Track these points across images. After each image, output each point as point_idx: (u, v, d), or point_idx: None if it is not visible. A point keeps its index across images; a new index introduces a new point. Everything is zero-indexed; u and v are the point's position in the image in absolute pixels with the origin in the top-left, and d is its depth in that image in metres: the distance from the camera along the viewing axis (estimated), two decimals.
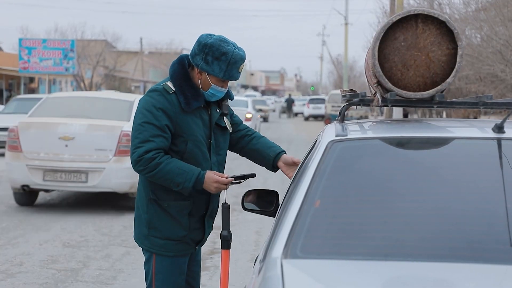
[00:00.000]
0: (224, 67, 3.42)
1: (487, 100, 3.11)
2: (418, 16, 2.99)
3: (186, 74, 3.50)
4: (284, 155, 3.70)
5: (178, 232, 3.49)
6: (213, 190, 3.44)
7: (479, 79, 15.74)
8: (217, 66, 3.42)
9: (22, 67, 34.17)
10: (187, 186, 3.37)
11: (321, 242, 2.40)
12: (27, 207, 9.68)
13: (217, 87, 3.50)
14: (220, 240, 3.54)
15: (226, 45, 3.43)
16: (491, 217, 2.46)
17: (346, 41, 45.37)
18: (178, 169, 3.36)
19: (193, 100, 3.45)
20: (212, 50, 3.41)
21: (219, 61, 3.41)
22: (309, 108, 44.91)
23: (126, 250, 7.28)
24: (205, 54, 3.42)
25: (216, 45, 3.41)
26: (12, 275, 6.25)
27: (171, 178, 3.36)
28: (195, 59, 3.47)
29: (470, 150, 2.80)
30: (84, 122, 9.34)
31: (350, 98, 3.29)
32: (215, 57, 3.41)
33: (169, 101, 3.43)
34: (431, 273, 2.21)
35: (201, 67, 3.45)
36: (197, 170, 3.40)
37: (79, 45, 43.36)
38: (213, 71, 3.44)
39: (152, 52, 66.14)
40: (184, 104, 3.43)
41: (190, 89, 3.47)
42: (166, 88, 3.46)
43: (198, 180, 3.38)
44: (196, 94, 3.47)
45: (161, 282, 3.51)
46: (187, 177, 3.37)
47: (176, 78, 3.48)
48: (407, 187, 2.63)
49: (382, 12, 22.09)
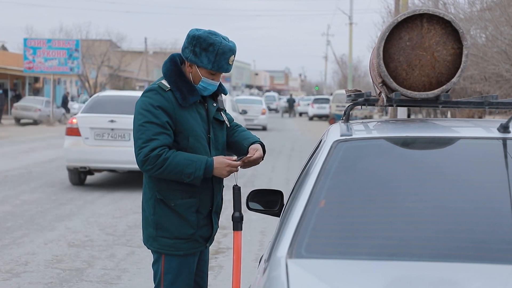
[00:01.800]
0: (212, 58, 3.44)
1: (492, 100, 3.11)
2: (423, 15, 2.99)
3: (179, 70, 3.52)
4: (254, 145, 3.65)
5: (187, 230, 3.50)
6: (225, 174, 3.46)
7: (484, 79, 15.71)
8: (205, 57, 3.44)
9: (27, 67, 34.24)
10: (198, 175, 3.38)
11: (326, 242, 2.40)
12: (31, 207, 9.70)
13: (207, 80, 3.51)
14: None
15: (214, 36, 3.46)
16: (496, 216, 2.46)
17: (351, 41, 45.36)
18: (186, 160, 3.38)
19: (189, 95, 3.48)
20: (199, 41, 3.43)
21: (207, 52, 3.43)
22: (313, 108, 44.87)
23: (131, 249, 7.29)
24: (193, 46, 3.45)
25: (203, 36, 3.44)
26: (17, 274, 6.26)
27: (180, 170, 3.37)
28: (184, 52, 3.51)
29: (475, 150, 2.79)
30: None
31: (355, 98, 3.29)
32: (203, 48, 3.43)
33: (166, 98, 3.44)
34: (436, 273, 2.20)
35: (190, 59, 3.48)
36: (204, 157, 3.43)
37: (84, 45, 43.46)
38: (202, 63, 3.46)
39: (157, 52, 66.17)
40: (181, 99, 3.45)
41: (185, 85, 3.49)
42: (162, 86, 3.48)
43: (208, 167, 3.40)
44: (191, 89, 3.50)
45: (169, 282, 3.51)
46: (196, 166, 3.38)
47: (170, 75, 3.50)
48: (412, 187, 2.62)
49: (387, 12, 22.07)
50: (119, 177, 13.07)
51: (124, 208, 9.75)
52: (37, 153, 17.93)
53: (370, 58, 3.44)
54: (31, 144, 20.95)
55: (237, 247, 3.53)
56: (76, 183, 11.77)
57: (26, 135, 25.47)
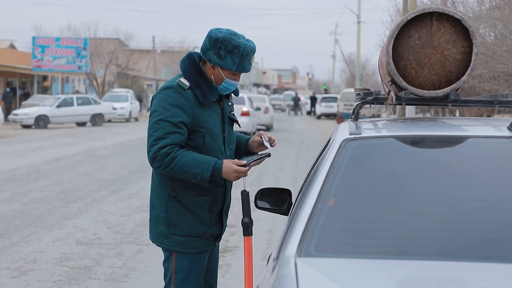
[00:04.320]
0: (237, 60, 3.45)
1: (502, 99, 3.09)
2: (433, 14, 2.97)
3: (198, 68, 3.52)
4: (259, 132, 3.76)
5: (199, 228, 3.50)
6: (233, 179, 3.46)
7: (493, 77, 15.64)
8: (230, 59, 3.45)
9: (36, 66, 34.39)
10: (205, 177, 3.38)
11: (335, 241, 2.39)
12: (39, 205, 9.73)
13: (230, 81, 3.54)
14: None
15: (237, 38, 3.46)
16: (506, 216, 2.44)
17: (359, 40, 45.28)
18: (194, 161, 3.38)
19: (209, 93, 3.49)
20: (224, 44, 3.43)
21: (232, 54, 3.44)
22: (321, 106, 44.84)
23: (138, 248, 7.30)
24: (217, 48, 3.44)
25: (227, 39, 3.43)
26: (25, 272, 6.28)
27: (188, 170, 3.37)
28: (207, 54, 3.48)
29: (485, 149, 2.78)
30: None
31: (364, 97, 3.28)
32: (228, 51, 3.44)
33: (184, 97, 3.44)
34: (446, 272, 2.19)
35: (214, 62, 3.47)
36: (213, 159, 3.42)
37: (92, 44, 43.56)
38: (227, 65, 3.46)
39: (165, 51, 66.27)
40: (202, 98, 3.46)
41: (205, 83, 3.50)
42: (181, 84, 3.47)
43: (216, 169, 3.39)
44: (211, 88, 3.51)
45: (180, 280, 3.51)
46: (204, 168, 3.38)
47: (190, 73, 3.50)
48: (421, 185, 2.61)
49: (395, 10, 22.01)
50: (126, 176, 13.09)
51: (131, 206, 9.77)
52: (45, 151, 17.99)
53: (379, 57, 3.43)
54: (39, 142, 21.01)
55: (248, 253, 3.52)
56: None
57: (34, 133, 25.55)
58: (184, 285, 3.50)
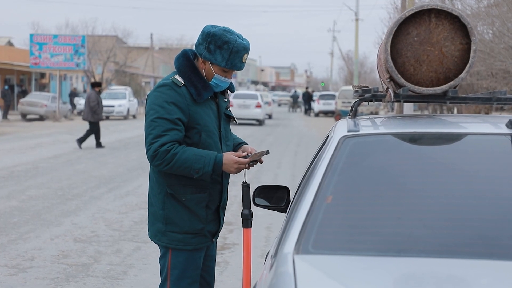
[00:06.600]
0: (227, 56, 3.44)
1: (501, 96, 3.09)
2: (431, 11, 2.97)
3: (193, 66, 3.52)
4: (244, 145, 3.75)
5: (196, 225, 3.50)
6: (233, 171, 3.46)
7: (491, 75, 15.65)
8: (219, 55, 3.44)
9: (33, 63, 34.29)
10: (207, 170, 3.38)
11: (333, 238, 2.39)
12: (37, 202, 9.72)
13: (220, 77, 3.52)
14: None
15: (229, 34, 3.45)
16: (505, 213, 2.44)
17: (357, 37, 45.24)
18: (195, 156, 3.38)
19: (203, 90, 3.49)
20: (214, 39, 3.43)
21: (221, 49, 3.44)
22: (319, 104, 44.86)
23: (136, 245, 7.30)
24: (208, 43, 3.45)
25: (219, 34, 3.44)
26: (23, 269, 6.28)
27: (189, 165, 3.37)
28: (198, 48, 3.50)
29: (483, 146, 2.77)
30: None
31: (362, 94, 3.27)
32: (218, 46, 3.43)
33: (179, 94, 3.44)
34: (444, 270, 2.19)
35: (204, 56, 3.48)
36: (214, 153, 3.43)
37: (90, 41, 43.50)
38: (216, 60, 3.46)
39: (163, 48, 66.21)
40: (196, 95, 3.46)
41: (199, 80, 3.49)
42: (175, 81, 3.47)
43: (217, 162, 3.40)
44: (205, 85, 3.51)
45: (176, 277, 3.51)
46: (205, 162, 3.38)
47: (184, 70, 3.50)
48: (419, 182, 2.61)
49: (393, 8, 22.02)
50: (125, 173, 13.09)
51: (130, 203, 9.77)
52: (44, 148, 17.97)
53: (377, 54, 3.42)
54: (37, 139, 20.99)
55: (247, 244, 3.53)
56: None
57: (32, 130, 25.53)
58: (180, 282, 3.51)
